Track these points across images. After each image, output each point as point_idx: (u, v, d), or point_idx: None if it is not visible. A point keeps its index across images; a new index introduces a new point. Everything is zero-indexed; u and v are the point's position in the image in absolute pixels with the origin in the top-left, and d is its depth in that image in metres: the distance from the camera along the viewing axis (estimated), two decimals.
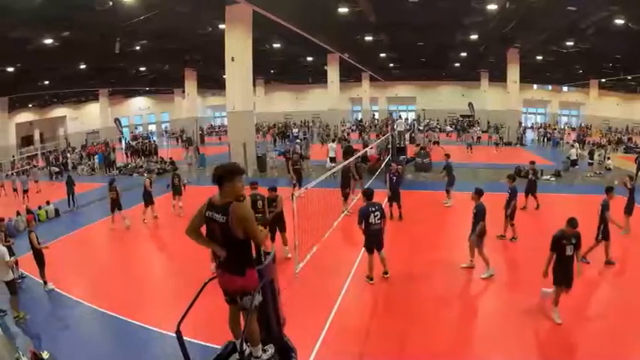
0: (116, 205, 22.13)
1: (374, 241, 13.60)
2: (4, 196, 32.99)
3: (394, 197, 20.45)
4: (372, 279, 13.79)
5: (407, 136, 48.07)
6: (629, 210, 17.80)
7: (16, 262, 15.64)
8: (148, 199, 22.67)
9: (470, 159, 40.58)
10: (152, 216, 22.69)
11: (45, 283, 14.59)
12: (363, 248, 14.00)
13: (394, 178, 20.61)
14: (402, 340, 10.83)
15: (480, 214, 13.79)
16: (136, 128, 75.63)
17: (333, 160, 32.26)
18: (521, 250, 16.35)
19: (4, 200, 31.82)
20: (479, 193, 14.19)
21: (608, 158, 35.43)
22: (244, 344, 5.79)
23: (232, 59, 30.65)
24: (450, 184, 23.71)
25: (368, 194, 13.99)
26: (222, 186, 5.54)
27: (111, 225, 22.12)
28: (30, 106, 59.66)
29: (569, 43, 40.31)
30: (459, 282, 13.94)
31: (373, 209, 13.47)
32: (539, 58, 51.16)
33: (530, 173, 22.29)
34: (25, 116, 59.90)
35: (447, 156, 24.57)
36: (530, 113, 79.64)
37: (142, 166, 39.89)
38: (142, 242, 20.30)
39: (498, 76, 61.66)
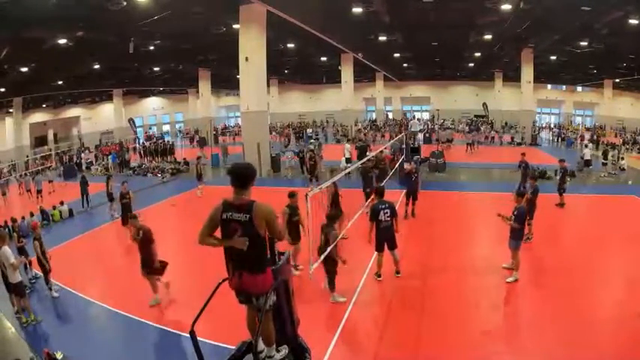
0: (110, 197, 24.12)
1: (384, 238, 13.65)
2: (18, 196, 33.13)
3: (412, 195, 20.61)
4: (379, 276, 13.93)
5: (421, 136, 48.22)
6: None
7: (30, 263, 15.69)
8: (124, 216, 20.32)
9: (481, 159, 40.48)
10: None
11: (50, 289, 14.53)
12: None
13: (413, 177, 20.76)
14: (417, 340, 10.76)
15: (521, 217, 13.59)
16: (150, 128, 75.81)
17: (348, 160, 32.21)
18: (539, 249, 16.23)
19: (19, 200, 31.94)
20: (520, 194, 13.91)
21: (622, 158, 35.12)
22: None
23: (246, 59, 30.65)
24: (523, 181, 23.44)
25: (379, 192, 14.27)
26: (245, 186, 5.66)
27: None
28: (44, 106, 59.67)
29: (584, 43, 40.07)
30: (473, 282, 13.89)
31: (383, 207, 13.60)
32: (553, 58, 50.90)
33: (561, 171, 22.31)
34: (39, 116, 60.00)
35: (523, 155, 24.86)
36: (544, 113, 79.45)
37: (156, 167, 39.98)
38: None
39: (512, 77, 61.77)
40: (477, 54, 52.91)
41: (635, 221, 19.18)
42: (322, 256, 11.85)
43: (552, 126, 70.51)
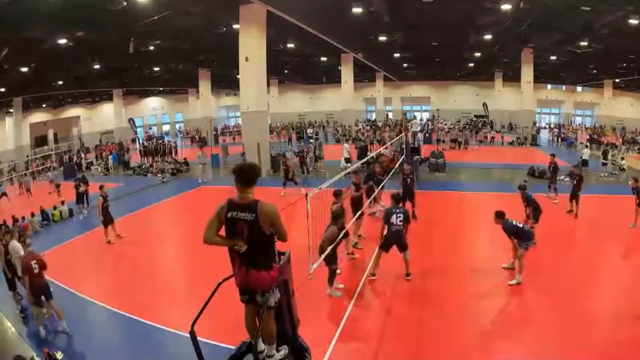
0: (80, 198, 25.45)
1: (394, 240, 13.71)
2: (19, 196, 33.10)
3: (408, 197, 20.48)
4: (374, 275, 14.01)
5: (421, 136, 48.21)
6: None
7: None
8: (106, 219, 20.01)
9: (481, 159, 40.53)
10: (114, 235, 20.37)
11: None
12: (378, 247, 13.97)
13: (408, 179, 20.59)
14: (417, 340, 10.77)
15: (508, 231, 13.56)
16: (150, 128, 75.78)
17: (348, 160, 32.23)
18: (539, 250, 16.15)
19: (20, 200, 31.90)
20: (499, 215, 13.68)
21: (622, 158, 35.09)
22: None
23: (246, 59, 30.64)
24: (553, 182, 24.01)
25: (396, 198, 14.51)
26: (249, 184, 5.73)
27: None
28: (44, 106, 59.59)
29: (584, 43, 40.06)
30: (474, 283, 13.92)
31: (397, 211, 13.76)
32: (554, 58, 50.88)
33: (576, 177, 21.50)
34: (39, 116, 59.91)
35: (553, 156, 24.85)
36: (544, 113, 79.56)
37: (156, 167, 39.98)
38: (155, 242, 20.26)
39: (512, 77, 61.89)
40: (477, 54, 52.73)
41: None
42: (322, 256, 11.82)
43: (552, 126, 70.39)
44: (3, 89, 43.88)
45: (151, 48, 39.26)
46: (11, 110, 52.36)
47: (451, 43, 45.61)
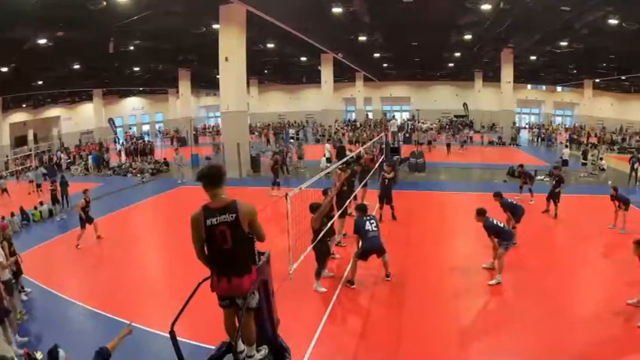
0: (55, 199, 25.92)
1: (373, 249, 13.42)
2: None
3: (386, 198, 20.50)
4: (353, 283, 13.52)
5: (401, 135, 48.35)
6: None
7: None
8: (84, 220, 19.33)
9: (460, 159, 40.74)
10: (95, 235, 19.92)
11: (20, 291, 14.28)
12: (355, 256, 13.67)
13: (386, 181, 20.49)
14: (397, 340, 10.81)
15: (489, 230, 13.61)
16: (130, 128, 75.34)
17: (329, 160, 32.36)
18: (520, 250, 16.21)
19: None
20: (480, 213, 13.69)
21: (601, 159, 35.32)
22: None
23: (226, 59, 30.67)
24: (527, 183, 24.25)
25: (362, 209, 14.15)
26: (220, 184, 5.62)
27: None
28: (24, 106, 59.00)
29: (564, 44, 40.40)
30: (454, 283, 13.97)
31: (367, 218, 13.57)
32: (533, 58, 51.23)
33: (554, 178, 21.95)
34: (18, 116, 59.33)
35: (521, 166, 25.54)
36: (524, 113, 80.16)
37: (133, 167, 39.84)
38: (135, 242, 20.18)
39: (492, 77, 62.15)
40: (457, 54, 53.05)
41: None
42: (309, 247, 11.98)
43: (531, 126, 70.67)
44: None
45: (131, 48, 39.06)
46: None
47: (431, 43, 45.77)
